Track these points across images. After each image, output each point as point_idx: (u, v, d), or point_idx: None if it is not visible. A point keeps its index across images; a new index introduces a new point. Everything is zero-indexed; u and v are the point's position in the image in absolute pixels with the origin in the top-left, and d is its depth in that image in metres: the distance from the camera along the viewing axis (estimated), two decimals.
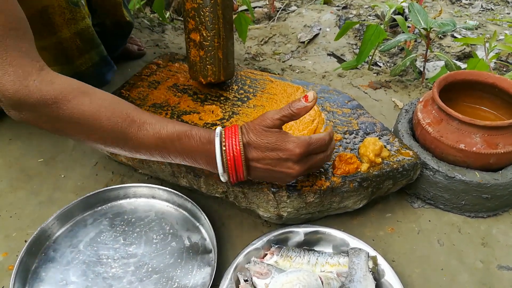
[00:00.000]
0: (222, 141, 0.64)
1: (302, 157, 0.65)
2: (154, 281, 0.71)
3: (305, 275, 0.65)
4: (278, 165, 0.65)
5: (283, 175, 0.67)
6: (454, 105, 0.86)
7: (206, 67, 0.91)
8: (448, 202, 0.83)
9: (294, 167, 0.65)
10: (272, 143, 0.64)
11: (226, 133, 0.65)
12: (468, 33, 1.84)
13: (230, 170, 0.65)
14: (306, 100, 0.64)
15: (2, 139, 1.02)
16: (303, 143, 0.65)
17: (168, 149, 0.65)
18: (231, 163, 0.64)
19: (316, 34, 1.85)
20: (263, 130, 0.64)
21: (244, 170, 0.65)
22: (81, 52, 0.83)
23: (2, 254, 0.78)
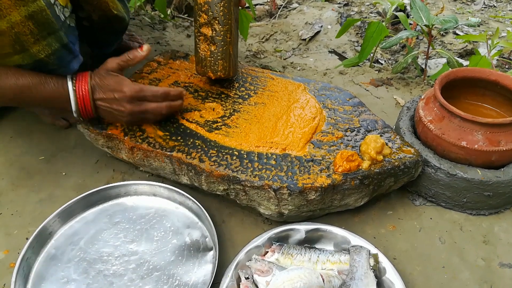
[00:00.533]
0: (73, 83, 0.79)
1: (133, 99, 0.80)
2: (155, 279, 0.71)
3: (306, 273, 0.65)
4: (114, 103, 0.80)
5: (118, 113, 0.81)
6: (456, 102, 0.86)
7: (217, 62, 0.91)
8: (450, 200, 0.83)
9: (127, 106, 0.80)
10: (111, 84, 0.80)
11: (77, 77, 0.79)
12: (470, 30, 1.83)
13: (80, 107, 0.79)
14: (141, 50, 0.83)
15: (3, 137, 1.02)
16: (135, 87, 0.80)
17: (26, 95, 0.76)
18: (81, 101, 0.79)
19: (318, 31, 1.85)
20: (105, 74, 0.80)
21: (92, 106, 0.80)
22: (37, 38, 0.81)
23: (3, 251, 0.78)
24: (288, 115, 0.89)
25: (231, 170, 0.76)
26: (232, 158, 0.78)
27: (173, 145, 0.82)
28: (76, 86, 0.78)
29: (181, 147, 0.81)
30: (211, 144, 0.82)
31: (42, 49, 0.83)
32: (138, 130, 0.85)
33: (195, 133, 0.85)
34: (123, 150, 0.86)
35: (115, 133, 0.84)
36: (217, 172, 0.76)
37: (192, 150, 0.80)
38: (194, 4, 0.89)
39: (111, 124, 0.87)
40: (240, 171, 0.75)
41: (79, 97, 0.79)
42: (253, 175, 0.75)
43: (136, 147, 0.83)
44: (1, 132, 1.03)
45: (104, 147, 0.89)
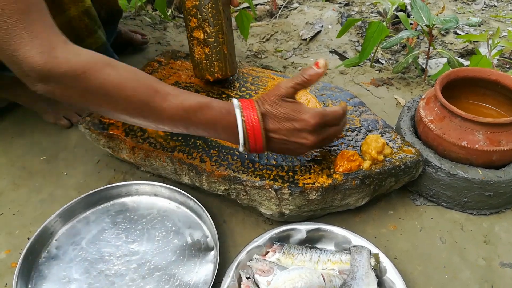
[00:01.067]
0: (241, 112, 0.66)
1: (317, 128, 0.67)
2: (156, 279, 0.71)
3: (307, 273, 0.65)
4: (293, 135, 0.67)
5: (298, 146, 0.68)
6: (457, 102, 0.86)
7: (212, 64, 0.91)
8: (451, 200, 0.83)
9: (309, 137, 0.67)
10: (287, 113, 0.66)
11: (243, 104, 0.66)
12: (471, 30, 1.83)
13: (250, 140, 0.67)
14: (317, 67, 0.67)
15: (4, 137, 1.02)
16: (318, 114, 0.67)
17: (191, 119, 0.65)
18: (251, 133, 0.66)
19: (318, 31, 1.85)
20: (278, 101, 0.67)
21: (263, 140, 0.67)
22: (90, 31, 0.83)
23: (5, 251, 0.78)
24: None
25: (232, 170, 0.76)
26: (233, 158, 0.78)
27: (174, 145, 0.82)
28: (245, 114, 0.65)
29: (182, 147, 0.81)
30: (212, 144, 0.82)
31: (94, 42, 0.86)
32: (139, 130, 0.85)
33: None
34: (124, 150, 0.86)
35: (116, 133, 0.85)
36: (218, 172, 0.76)
37: (193, 150, 0.80)
38: (183, 9, 0.89)
39: (112, 124, 0.87)
40: (241, 171, 0.76)
41: (249, 127, 0.65)
42: (254, 175, 0.75)
43: (137, 147, 0.83)
44: (3, 132, 1.04)
45: (105, 147, 0.89)
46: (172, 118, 0.65)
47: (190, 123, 0.66)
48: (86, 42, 0.83)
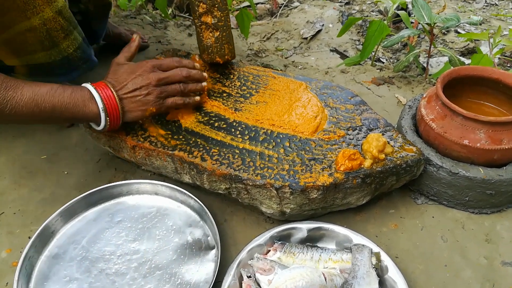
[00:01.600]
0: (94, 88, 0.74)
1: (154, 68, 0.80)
2: (157, 278, 0.71)
3: (308, 272, 0.65)
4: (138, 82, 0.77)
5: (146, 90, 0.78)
6: (458, 101, 0.86)
7: (223, 47, 0.96)
8: (452, 198, 0.83)
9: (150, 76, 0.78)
10: (127, 69, 0.78)
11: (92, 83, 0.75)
12: (472, 29, 1.83)
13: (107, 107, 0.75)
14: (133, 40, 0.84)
15: (5, 136, 1.02)
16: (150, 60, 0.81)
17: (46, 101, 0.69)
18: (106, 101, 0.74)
19: (319, 30, 1.85)
20: (117, 67, 0.79)
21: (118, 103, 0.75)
22: (66, 32, 0.82)
23: (6, 250, 0.78)
24: (290, 114, 0.88)
25: (233, 169, 0.76)
26: (234, 157, 0.78)
27: (175, 144, 0.82)
28: (96, 87, 0.74)
29: (183, 146, 0.81)
30: (213, 142, 0.82)
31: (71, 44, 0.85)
32: (140, 129, 0.85)
33: (197, 132, 0.85)
34: (125, 149, 0.86)
35: (117, 132, 0.84)
36: (219, 171, 0.76)
37: (194, 149, 0.80)
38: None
39: None
40: (242, 170, 0.75)
41: (104, 97, 0.74)
42: (255, 174, 0.75)
43: (138, 146, 0.83)
44: (4, 131, 1.04)
45: (106, 146, 0.89)
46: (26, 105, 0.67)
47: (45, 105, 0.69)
48: (62, 45, 0.83)
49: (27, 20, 0.76)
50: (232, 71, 1.03)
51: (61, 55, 0.84)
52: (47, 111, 0.70)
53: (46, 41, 0.80)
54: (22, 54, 0.82)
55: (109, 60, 0.83)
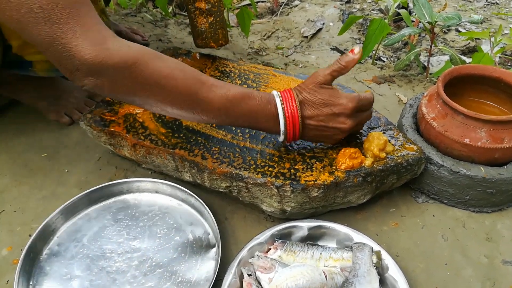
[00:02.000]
0: (281, 100, 0.70)
1: (354, 112, 0.72)
2: (158, 276, 0.71)
3: (309, 270, 0.65)
4: (331, 120, 0.71)
5: (335, 131, 0.73)
6: (459, 99, 0.85)
7: (216, 32, 0.97)
8: (453, 197, 0.83)
9: (347, 121, 0.72)
10: (325, 99, 0.70)
11: (282, 94, 0.71)
12: (472, 27, 1.82)
13: (288, 127, 0.70)
14: (353, 53, 0.70)
15: (5, 134, 1.02)
16: (355, 98, 0.71)
17: (234, 109, 0.68)
18: (289, 120, 0.70)
19: (320, 28, 1.84)
20: (316, 88, 0.71)
21: (300, 127, 0.71)
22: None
23: (6, 248, 0.78)
24: None
25: (234, 167, 0.76)
26: (235, 155, 0.78)
27: (175, 142, 0.82)
28: (284, 103, 0.69)
29: (184, 144, 0.81)
30: (213, 141, 0.82)
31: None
32: (141, 127, 0.85)
33: (197, 130, 0.85)
34: (126, 147, 0.86)
35: (118, 130, 0.84)
36: (220, 169, 0.76)
37: (195, 147, 0.80)
38: None
39: (113, 121, 0.87)
40: (243, 168, 0.75)
41: (288, 115, 0.69)
42: (255, 172, 0.75)
43: (138, 144, 0.83)
44: (4, 129, 1.03)
45: (106, 144, 0.89)
46: (217, 108, 0.67)
47: (233, 112, 0.68)
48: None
49: None
50: (233, 69, 1.03)
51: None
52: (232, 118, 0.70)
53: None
54: None
55: None
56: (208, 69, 1.03)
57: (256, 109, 0.69)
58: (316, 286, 0.64)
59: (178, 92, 0.64)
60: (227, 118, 0.69)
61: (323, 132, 0.73)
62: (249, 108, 0.69)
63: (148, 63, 0.61)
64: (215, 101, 0.66)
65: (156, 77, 0.62)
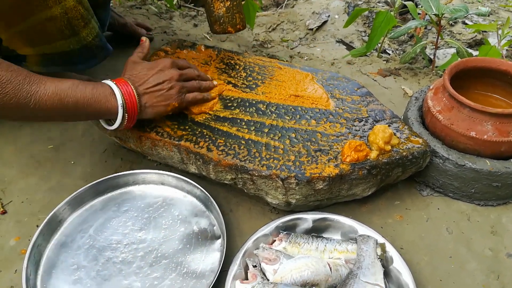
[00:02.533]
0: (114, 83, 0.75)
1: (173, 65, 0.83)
2: (163, 266, 0.72)
3: (314, 262, 0.65)
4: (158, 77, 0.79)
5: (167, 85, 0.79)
6: (465, 92, 0.85)
7: (234, 16, 0.96)
8: (458, 190, 0.83)
9: (171, 71, 0.81)
10: (146, 66, 0.80)
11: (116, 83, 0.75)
12: (479, 20, 1.81)
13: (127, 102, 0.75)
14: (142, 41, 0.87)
15: (12, 125, 1.03)
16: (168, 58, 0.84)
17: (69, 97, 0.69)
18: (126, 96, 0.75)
19: (325, 21, 1.83)
20: (134, 64, 0.81)
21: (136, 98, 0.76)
22: (85, 21, 0.83)
23: (14, 238, 0.79)
24: (297, 104, 0.88)
25: (239, 159, 0.76)
26: (240, 147, 0.78)
27: (181, 134, 0.82)
28: (117, 83, 0.75)
29: (189, 136, 0.81)
30: (218, 133, 0.82)
31: (90, 32, 0.86)
32: (147, 120, 0.85)
33: (203, 123, 0.85)
34: (131, 139, 0.86)
35: None
36: (225, 161, 0.76)
37: (200, 139, 0.80)
38: None
39: None
40: (248, 161, 0.76)
41: (124, 93, 0.74)
42: (260, 165, 0.75)
43: (144, 136, 0.83)
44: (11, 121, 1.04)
45: (112, 136, 0.90)
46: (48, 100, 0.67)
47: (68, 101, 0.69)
48: (82, 34, 0.83)
49: (48, 9, 0.76)
50: (238, 61, 1.03)
51: (80, 44, 0.85)
52: (70, 106, 0.70)
53: (66, 30, 0.81)
54: (39, 44, 0.82)
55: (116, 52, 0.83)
56: (213, 61, 1.02)
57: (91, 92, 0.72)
58: (320, 278, 0.64)
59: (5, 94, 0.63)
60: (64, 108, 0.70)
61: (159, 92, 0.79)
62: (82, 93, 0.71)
63: None
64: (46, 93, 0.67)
65: None
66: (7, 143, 0.99)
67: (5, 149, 0.97)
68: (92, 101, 0.72)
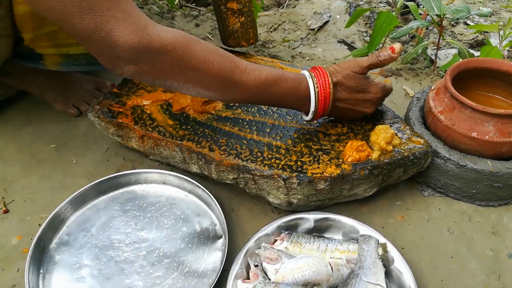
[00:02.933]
0: (313, 81, 0.73)
1: (380, 100, 0.81)
2: (165, 266, 0.72)
3: (315, 261, 0.66)
4: (359, 104, 0.78)
5: (359, 114, 0.81)
6: (467, 93, 0.85)
7: (248, 31, 1.00)
8: (459, 191, 0.83)
9: (371, 107, 0.80)
10: (359, 86, 0.76)
11: (316, 73, 0.74)
12: (481, 21, 1.81)
13: (318, 108, 0.75)
14: (393, 52, 0.73)
15: (14, 124, 1.03)
16: (383, 88, 0.80)
17: (265, 92, 0.71)
18: (321, 101, 0.74)
19: (326, 21, 1.83)
20: (352, 74, 0.75)
21: (329, 107, 0.75)
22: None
23: (16, 237, 0.79)
24: None
25: (241, 159, 0.76)
26: (242, 147, 0.79)
27: (183, 134, 0.82)
28: (318, 85, 0.73)
29: (191, 136, 0.81)
30: (220, 133, 0.82)
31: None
32: (149, 119, 0.86)
33: (205, 122, 0.85)
34: (133, 139, 0.86)
35: (126, 121, 0.85)
36: (227, 161, 0.76)
37: (202, 139, 0.81)
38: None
39: (121, 113, 0.87)
40: (250, 160, 0.76)
41: (321, 97, 0.73)
42: (262, 164, 0.75)
43: (146, 136, 0.83)
44: (12, 120, 1.04)
45: (114, 136, 0.90)
46: (249, 91, 0.70)
47: (265, 95, 0.71)
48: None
49: None
50: None
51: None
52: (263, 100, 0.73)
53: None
54: (67, 45, 0.84)
55: None
56: None
57: (287, 91, 0.72)
58: (322, 278, 0.64)
59: (213, 76, 0.66)
60: (258, 99, 0.73)
61: (346, 113, 0.80)
62: (280, 90, 0.71)
63: (186, 47, 0.63)
64: (248, 84, 0.68)
65: (194, 62, 0.64)
66: (8, 141, 0.99)
67: (7, 148, 0.97)
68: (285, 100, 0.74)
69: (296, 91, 0.73)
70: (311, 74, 0.74)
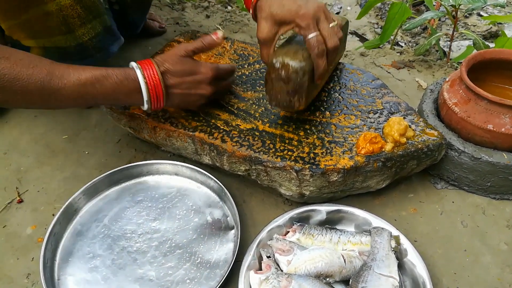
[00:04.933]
0: (141, 72, 0.72)
1: (213, 80, 0.78)
2: (177, 256, 0.73)
3: (328, 253, 0.65)
4: (193, 87, 0.77)
5: (198, 97, 0.79)
6: (482, 85, 0.83)
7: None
8: (473, 184, 0.82)
9: (207, 88, 0.78)
10: (188, 68, 0.75)
11: (142, 66, 0.72)
12: (495, 12, 1.78)
13: (152, 97, 0.73)
14: (216, 37, 0.77)
15: (28, 115, 1.04)
16: (214, 67, 0.78)
17: (89, 93, 0.69)
18: (153, 90, 0.73)
19: (337, 12, 1.82)
20: (178, 59, 0.75)
21: (164, 95, 0.74)
22: (83, 21, 0.82)
23: (31, 226, 0.80)
24: None
25: (253, 150, 0.76)
26: (254, 139, 0.78)
27: (195, 125, 0.82)
28: (146, 74, 0.72)
29: (204, 127, 0.81)
30: (233, 124, 0.82)
31: (87, 32, 0.86)
32: (161, 110, 0.85)
33: (217, 114, 0.85)
34: (145, 130, 0.86)
35: (138, 112, 0.85)
36: (239, 152, 0.76)
37: (214, 131, 0.80)
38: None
39: None
40: (262, 152, 0.76)
41: (151, 86, 0.72)
42: (275, 156, 0.75)
43: (158, 127, 0.83)
44: (26, 111, 1.05)
45: (126, 127, 0.90)
46: (70, 96, 0.67)
47: (89, 95, 0.69)
48: (78, 32, 0.83)
49: (44, 4, 0.77)
50: (251, 52, 1.02)
51: (76, 42, 0.85)
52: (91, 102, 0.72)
53: (62, 26, 0.81)
54: (39, 36, 0.83)
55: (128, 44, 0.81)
56: (226, 52, 1.02)
57: (114, 87, 0.70)
58: (334, 269, 0.64)
59: (27, 92, 0.63)
60: (85, 101, 0.70)
61: (187, 98, 0.78)
62: (105, 88, 0.69)
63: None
64: (67, 89, 0.66)
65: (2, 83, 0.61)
66: (22, 132, 1.00)
67: (21, 139, 0.98)
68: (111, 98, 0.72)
69: (124, 85, 0.71)
70: (138, 65, 0.72)
